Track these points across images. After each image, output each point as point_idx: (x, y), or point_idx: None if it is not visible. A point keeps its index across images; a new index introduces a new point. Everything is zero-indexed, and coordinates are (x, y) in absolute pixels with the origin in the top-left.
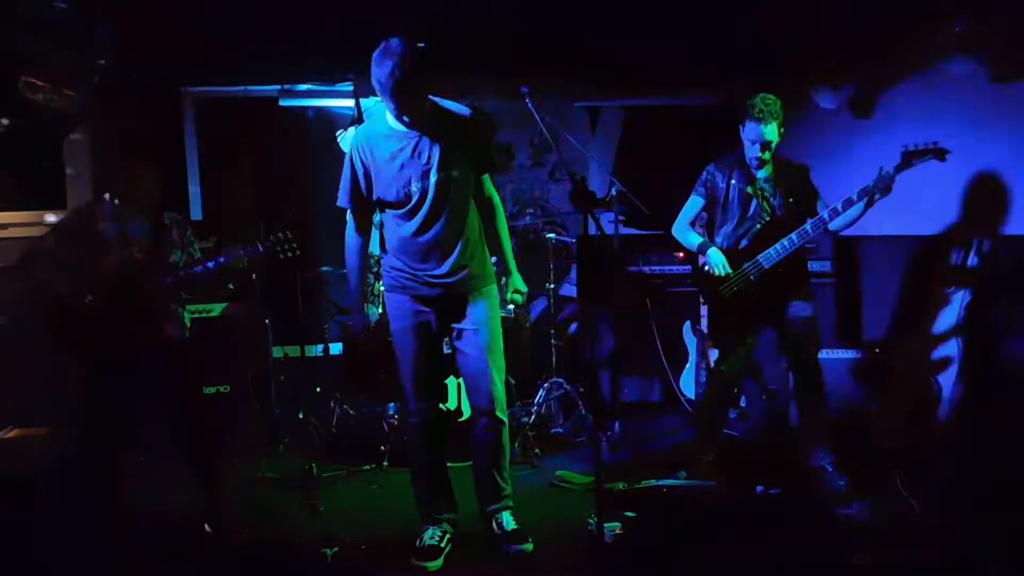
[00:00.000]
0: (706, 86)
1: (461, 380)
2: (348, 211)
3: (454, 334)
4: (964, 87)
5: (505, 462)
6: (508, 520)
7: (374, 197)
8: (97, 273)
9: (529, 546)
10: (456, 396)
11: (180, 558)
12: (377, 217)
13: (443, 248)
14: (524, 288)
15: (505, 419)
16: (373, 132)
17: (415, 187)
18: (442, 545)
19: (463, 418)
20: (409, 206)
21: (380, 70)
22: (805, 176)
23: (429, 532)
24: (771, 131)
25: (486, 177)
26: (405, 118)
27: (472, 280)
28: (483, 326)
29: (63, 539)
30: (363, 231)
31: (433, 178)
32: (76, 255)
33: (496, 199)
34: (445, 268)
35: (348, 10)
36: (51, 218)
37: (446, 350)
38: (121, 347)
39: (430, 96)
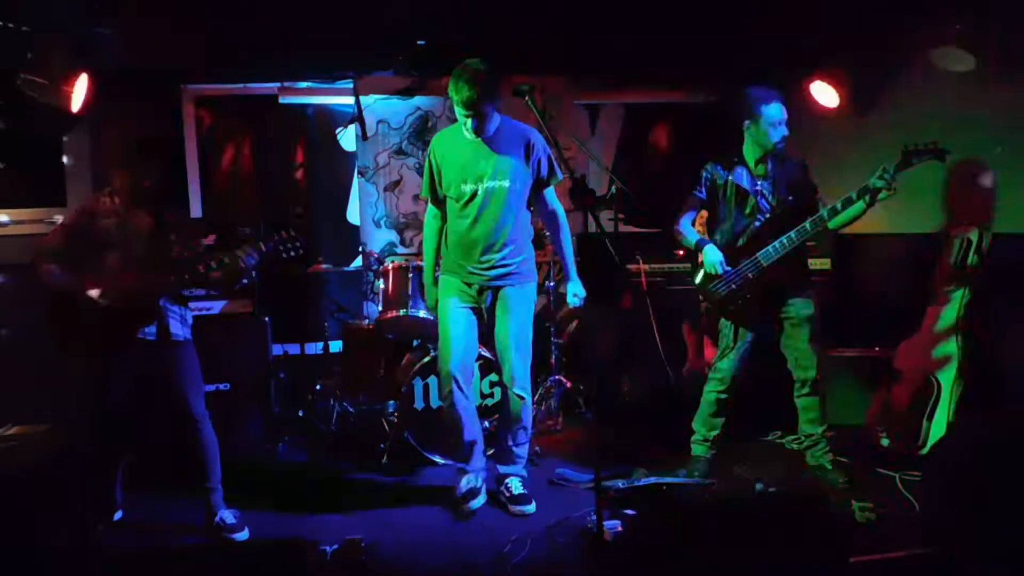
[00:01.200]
0: (706, 84)
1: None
2: (428, 200)
3: (488, 318)
4: (963, 85)
5: (520, 433)
6: (516, 485)
7: (441, 192)
8: (100, 270)
9: (531, 507)
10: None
11: (180, 558)
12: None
13: (487, 244)
14: (582, 292)
15: (525, 395)
16: (449, 135)
17: (468, 188)
18: (478, 486)
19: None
20: (462, 203)
21: (455, 87)
22: (805, 173)
23: (465, 479)
24: (780, 107)
25: (549, 191)
26: (472, 129)
27: (510, 276)
28: (512, 315)
29: (63, 537)
30: (438, 218)
31: (486, 184)
32: (80, 252)
33: (559, 211)
34: (487, 262)
35: (348, 8)
36: (58, 217)
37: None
38: (124, 345)
39: (501, 115)
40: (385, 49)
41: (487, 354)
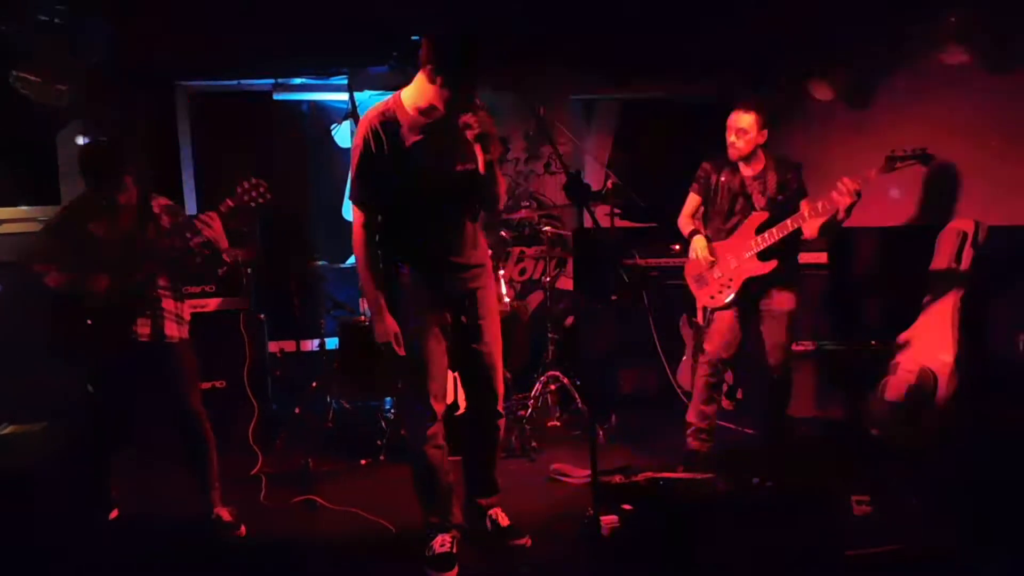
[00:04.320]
0: (702, 80)
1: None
2: (361, 203)
3: (463, 327)
4: (961, 78)
5: (495, 458)
6: (504, 516)
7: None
8: (93, 267)
9: (527, 539)
10: (453, 390)
11: (177, 556)
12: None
13: (463, 240)
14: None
15: (503, 415)
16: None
17: (442, 174)
18: (454, 552)
19: (458, 412)
20: (432, 193)
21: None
22: (796, 175)
23: (440, 541)
24: (744, 119)
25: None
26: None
27: (480, 270)
28: (491, 318)
29: (59, 535)
30: (373, 222)
31: (463, 168)
32: (71, 250)
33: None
34: (462, 260)
35: (342, 3)
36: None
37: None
38: (121, 345)
39: None
40: (380, 45)
41: None
